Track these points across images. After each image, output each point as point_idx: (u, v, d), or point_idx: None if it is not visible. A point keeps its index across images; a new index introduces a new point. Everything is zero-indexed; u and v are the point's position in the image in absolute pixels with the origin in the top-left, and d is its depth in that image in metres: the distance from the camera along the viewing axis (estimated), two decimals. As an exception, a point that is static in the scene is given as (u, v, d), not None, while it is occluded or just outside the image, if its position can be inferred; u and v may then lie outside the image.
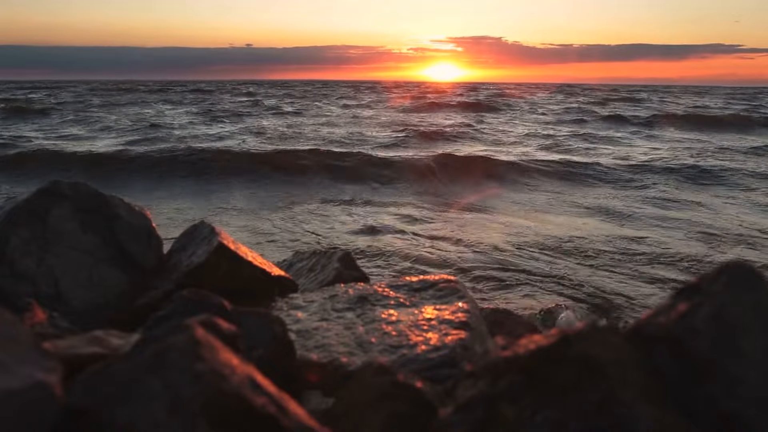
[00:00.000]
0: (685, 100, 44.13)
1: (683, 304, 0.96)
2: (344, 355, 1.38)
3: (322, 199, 9.77)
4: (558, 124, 23.98)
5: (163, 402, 0.73)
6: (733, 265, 0.97)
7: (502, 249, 6.79)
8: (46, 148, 14.13)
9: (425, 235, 7.50)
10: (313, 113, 27.78)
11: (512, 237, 7.37)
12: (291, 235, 7.47)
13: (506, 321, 2.14)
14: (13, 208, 1.82)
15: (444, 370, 1.26)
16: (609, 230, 7.76)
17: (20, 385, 0.70)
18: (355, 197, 9.93)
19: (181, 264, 1.91)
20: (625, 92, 62.04)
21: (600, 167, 12.82)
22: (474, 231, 7.70)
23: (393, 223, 8.14)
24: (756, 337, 0.89)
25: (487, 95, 49.64)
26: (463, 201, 9.76)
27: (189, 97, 40.97)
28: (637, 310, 4.95)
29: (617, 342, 0.92)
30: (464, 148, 16.16)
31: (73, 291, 1.78)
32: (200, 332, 0.82)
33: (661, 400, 0.87)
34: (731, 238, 7.36)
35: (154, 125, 20.59)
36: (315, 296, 1.80)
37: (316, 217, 8.53)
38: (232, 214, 8.80)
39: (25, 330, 0.84)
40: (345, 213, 8.78)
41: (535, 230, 7.73)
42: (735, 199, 10.15)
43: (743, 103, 42.78)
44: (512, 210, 9.10)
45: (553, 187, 11.25)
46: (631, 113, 29.12)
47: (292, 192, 10.31)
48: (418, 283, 1.75)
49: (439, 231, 7.72)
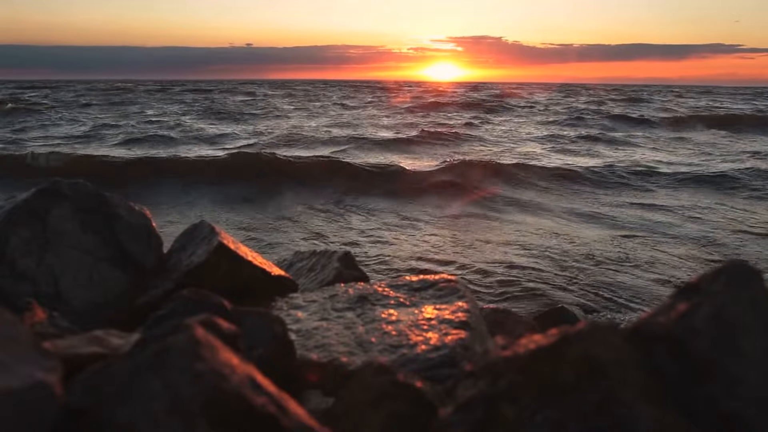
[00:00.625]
0: (704, 102, 42.99)
1: (683, 304, 0.96)
2: (344, 354, 1.38)
3: (330, 202, 9.72)
4: (563, 125, 23.79)
5: (164, 401, 0.73)
6: (733, 264, 0.97)
7: (502, 249, 6.80)
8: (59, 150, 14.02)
9: (426, 235, 7.51)
10: (320, 113, 27.33)
11: (512, 238, 7.38)
12: (294, 236, 7.44)
13: (506, 321, 2.14)
14: (13, 208, 1.82)
15: (444, 370, 1.26)
16: (611, 231, 7.76)
17: (20, 384, 0.70)
18: (356, 200, 9.89)
19: (181, 263, 1.91)
20: (630, 92, 61.27)
21: (612, 170, 12.70)
22: (475, 232, 7.70)
23: (393, 222, 8.14)
24: (756, 337, 0.89)
25: (490, 95, 49.00)
26: (465, 201, 9.76)
27: (194, 98, 40.40)
28: (638, 310, 4.96)
29: (617, 342, 0.92)
30: (470, 150, 16.15)
31: (73, 290, 1.78)
32: (200, 332, 0.82)
33: (661, 400, 0.87)
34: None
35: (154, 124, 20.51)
36: (315, 296, 1.80)
37: (321, 219, 8.51)
38: (231, 214, 8.80)
39: (26, 329, 0.84)
40: (348, 215, 8.77)
41: (536, 231, 7.73)
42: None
43: (760, 101, 42.01)
44: (512, 210, 9.10)
45: (554, 186, 11.24)
46: (644, 113, 28.89)
47: (299, 196, 10.15)
48: (418, 282, 1.75)
49: (440, 231, 7.72)
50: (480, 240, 7.20)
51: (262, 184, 10.83)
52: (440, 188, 10.87)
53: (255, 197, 10.01)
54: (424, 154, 13.67)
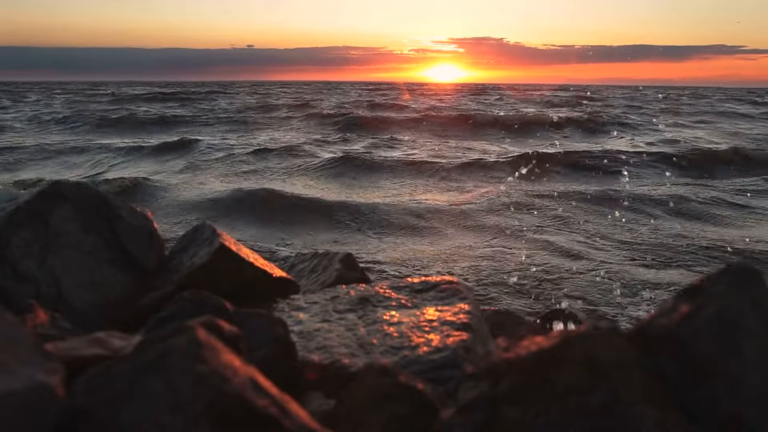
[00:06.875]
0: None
1: (685, 306, 0.96)
2: (346, 356, 1.38)
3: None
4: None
5: (165, 403, 0.73)
6: (735, 266, 0.97)
7: (503, 249, 6.79)
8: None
9: (427, 234, 7.51)
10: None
11: (514, 237, 7.37)
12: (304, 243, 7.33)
13: (508, 322, 2.13)
14: (15, 209, 1.82)
15: (446, 372, 1.26)
16: (614, 233, 7.75)
17: (22, 386, 0.70)
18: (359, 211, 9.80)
19: (182, 265, 1.91)
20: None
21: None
22: (477, 232, 7.70)
23: (394, 222, 8.14)
24: (758, 339, 0.89)
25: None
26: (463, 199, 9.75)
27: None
28: (640, 312, 4.95)
29: (619, 343, 0.92)
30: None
31: (74, 292, 1.78)
32: (202, 334, 0.82)
33: (664, 401, 0.87)
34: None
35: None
36: (316, 297, 1.80)
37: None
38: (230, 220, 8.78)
39: (27, 331, 0.84)
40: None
41: (537, 231, 7.72)
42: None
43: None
44: (512, 211, 9.10)
45: (558, 184, 11.21)
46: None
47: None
48: (420, 284, 1.75)
49: (442, 230, 7.72)
50: (482, 242, 7.20)
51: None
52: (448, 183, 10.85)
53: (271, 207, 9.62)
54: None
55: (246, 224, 8.20)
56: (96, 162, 14.21)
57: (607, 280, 5.77)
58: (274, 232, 7.80)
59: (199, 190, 10.35)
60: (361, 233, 7.73)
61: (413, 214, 8.51)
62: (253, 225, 8.17)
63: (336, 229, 7.94)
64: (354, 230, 7.88)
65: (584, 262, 6.32)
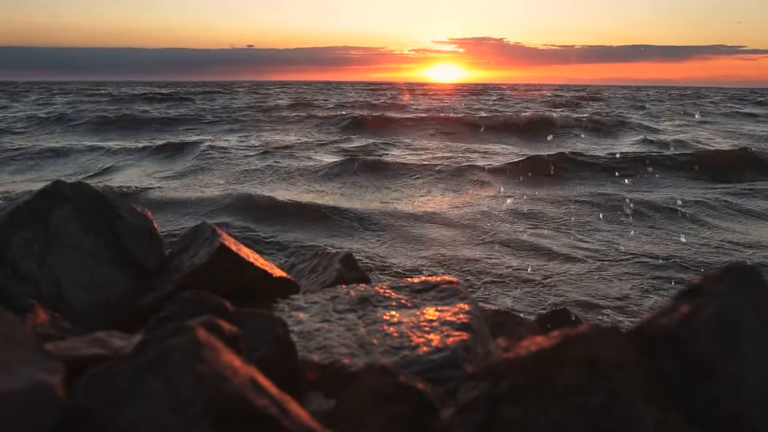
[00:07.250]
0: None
1: (685, 306, 0.96)
2: (346, 356, 1.38)
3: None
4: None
5: (165, 403, 0.73)
6: (735, 266, 0.97)
7: (504, 250, 6.79)
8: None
9: (428, 235, 7.50)
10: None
11: (514, 238, 7.37)
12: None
13: (508, 322, 2.14)
14: (15, 209, 1.82)
15: (446, 372, 1.26)
16: (617, 234, 7.75)
17: (22, 385, 0.70)
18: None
19: (182, 265, 1.91)
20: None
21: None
22: (477, 232, 7.70)
23: (393, 220, 8.14)
24: (758, 339, 0.89)
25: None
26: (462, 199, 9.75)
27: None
28: (640, 312, 4.95)
29: (619, 343, 0.92)
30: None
31: (74, 292, 1.78)
32: (202, 333, 0.82)
33: (664, 401, 0.87)
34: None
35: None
36: (316, 297, 1.80)
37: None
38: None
39: (27, 331, 0.84)
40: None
41: (537, 232, 7.72)
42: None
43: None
44: (513, 212, 9.09)
45: (561, 186, 11.20)
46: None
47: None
48: (420, 284, 1.75)
49: (442, 231, 7.72)
50: (482, 241, 7.20)
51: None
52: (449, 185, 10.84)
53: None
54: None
55: (246, 224, 8.21)
56: (96, 162, 14.22)
57: (608, 280, 5.77)
58: (274, 232, 7.81)
59: (199, 191, 10.37)
60: (361, 234, 7.74)
61: (413, 215, 8.52)
62: (253, 225, 8.18)
63: (336, 229, 7.95)
64: (354, 231, 7.88)
65: (586, 264, 6.32)
